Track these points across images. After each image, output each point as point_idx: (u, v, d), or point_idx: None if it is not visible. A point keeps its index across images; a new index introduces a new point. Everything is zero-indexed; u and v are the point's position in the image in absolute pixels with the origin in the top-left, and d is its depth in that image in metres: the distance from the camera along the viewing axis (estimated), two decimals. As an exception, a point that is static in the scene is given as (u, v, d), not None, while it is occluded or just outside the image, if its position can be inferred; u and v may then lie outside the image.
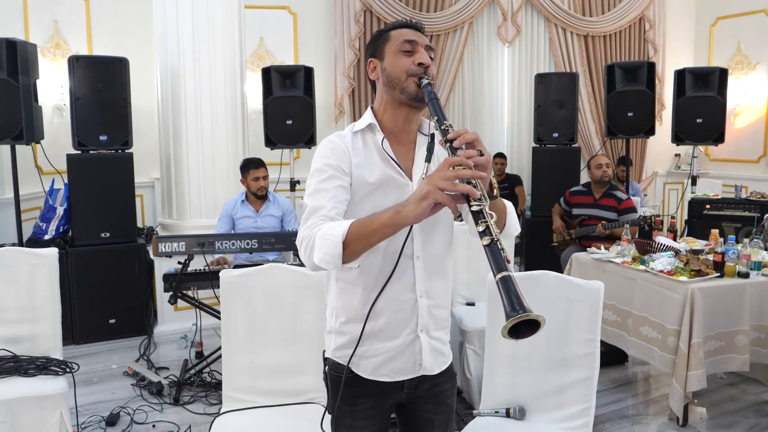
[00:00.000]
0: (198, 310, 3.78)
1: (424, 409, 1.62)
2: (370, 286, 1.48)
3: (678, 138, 5.35)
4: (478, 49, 6.86)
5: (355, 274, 1.50)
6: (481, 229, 1.18)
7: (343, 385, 1.52)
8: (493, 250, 1.16)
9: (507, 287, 1.12)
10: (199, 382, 3.64)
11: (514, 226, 1.53)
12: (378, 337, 1.52)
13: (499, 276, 1.13)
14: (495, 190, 1.36)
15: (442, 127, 1.36)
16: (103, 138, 4.46)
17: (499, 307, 2.38)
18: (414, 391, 1.58)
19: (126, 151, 4.57)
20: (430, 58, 1.53)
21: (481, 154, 1.28)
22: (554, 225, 4.84)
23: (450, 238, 1.58)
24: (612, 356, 3.86)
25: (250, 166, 4.16)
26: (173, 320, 4.63)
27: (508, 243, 3.95)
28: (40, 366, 2.66)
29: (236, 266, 3.76)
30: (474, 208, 1.20)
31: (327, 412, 1.60)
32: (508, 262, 1.15)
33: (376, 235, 1.31)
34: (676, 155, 7.70)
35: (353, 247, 1.32)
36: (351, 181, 1.49)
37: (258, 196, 4.16)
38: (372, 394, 1.56)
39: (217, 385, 3.48)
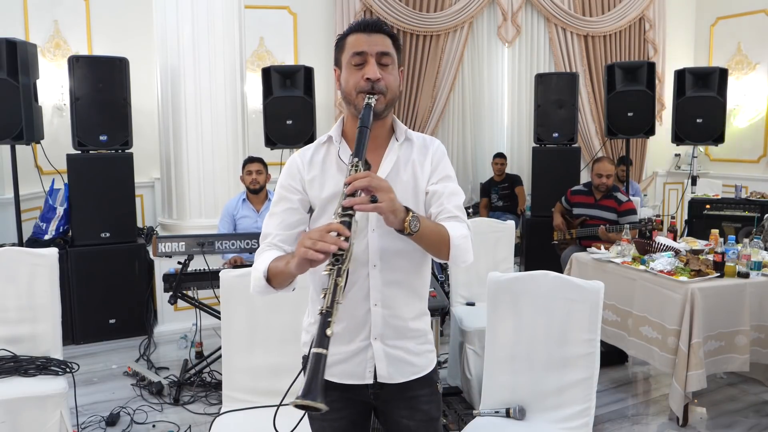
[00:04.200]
0: (198, 310, 3.79)
1: (399, 414, 1.60)
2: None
3: (678, 138, 5.34)
4: (478, 49, 6.87)
5: (318, 279, 1.51)
6: (321, 295, 1.25)
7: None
8: (322, 320, 1.24)
9: (314, 367, 1.20)
10: (199, 382, 3.64)
11: (460, 257, 1.47)
12: (334, 341, 1.48)
13: (313, 350, 1.21)
14: (406, 227, 1.33)
15: (350, 165, 1.37)
16: (103, 138, 4.46)
17: (499, 306, 2.39)
18: (380, 392, 1.56)
19: (126, 151, 4.57)
20: (384, 64, 1.48)
21: (374, 200, 1.28)
22: (554, 222, 4.84)
23: (423, 252, 1.51)
24: (612, 356, 3.86)
25: (246, 161, 4.23)
26: (173, 320, 4.63)
27: (507, 246, 3.91)
28: (40, 366, 2.66)
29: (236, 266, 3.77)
30: (324, 272, 1.27)
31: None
32: (329, 327, 1.22)
33: (284, 275, 1.41)
34: (676, 155, 7.70)
35: (275, 281, 1.45)
36: (307, 197, 1.55)
37: (252, 191, 4.17)
38: (338, 387, 1.57)
39: (217, 385, 3.48)
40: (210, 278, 3.53)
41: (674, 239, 3.97)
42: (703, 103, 5.20)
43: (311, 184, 1.53)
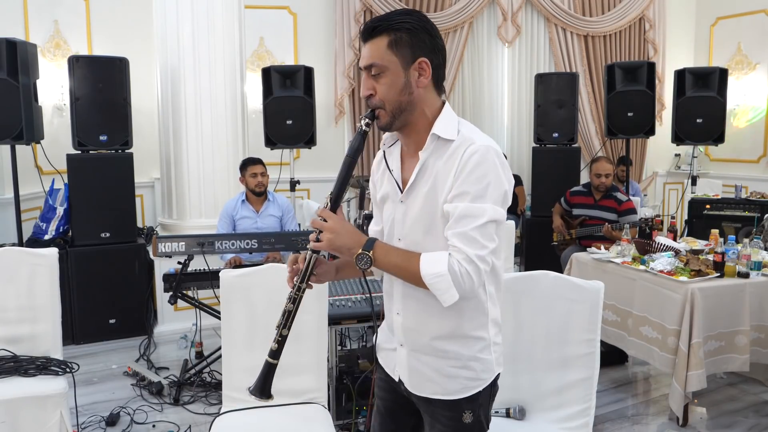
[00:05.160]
0: (198, 310, 3.78)
1: (425, 419, 1.59)
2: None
3: (678, 138, 5.34)
4: (478, 49, 6.86)
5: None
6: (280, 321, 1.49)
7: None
8: (279, 341, 1.49)
9: (265, 372, 1.52)
10: (199, 382, 3.64)
11: (438, 297, 1.35)
12: (388, 328, 1.64)
13: (268, 360, 1.51)
14: (357, 266, 1.40)
15: (327, 196, 1.46)
16: (103, 138, 4.46)
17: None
18: (410, 393, 1.57)
19: (126, 151, 4.57)
20: (375, 74, 1.41)
21: (318, 239, 1.42)
22: (554, 224, 4.84)
23: None
24: (612, 356, 3.86)
25: (248, 163, 4.19)
26: (173, 320, 4.63)
27: (507, 246, 3.92)
28: (40, 366, 2.66)
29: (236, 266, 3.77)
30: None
31: None
32: (275, 341, 1.49)
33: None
34: (676, 155, 7.70)
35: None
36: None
37: (256, 193, 4.16)
38: (383, 369, 1.66)
39: (217, 385, 3.48)
40: (210, 278, 3.53)
41: (674, 239, 3.96)
42: (703, 103, 5.20)
43: (373, 183, 1.61)
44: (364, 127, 1.42)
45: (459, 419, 1.51)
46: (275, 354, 1.49)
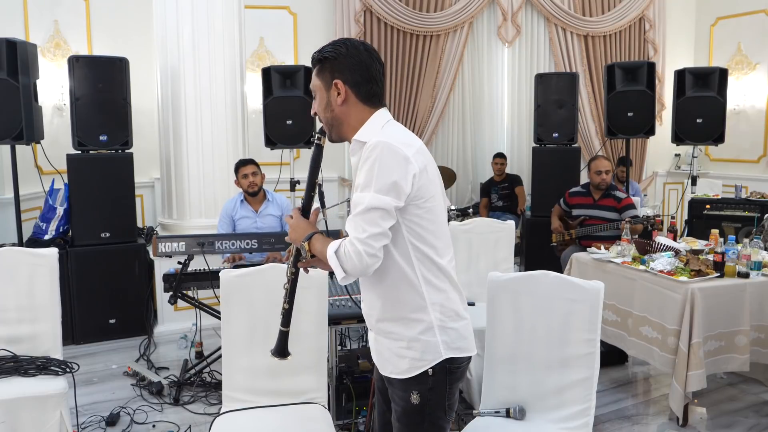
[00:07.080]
0: (198, 310, 3.78)
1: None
2: None
3: (678, 138, 5.34)
4: (478, 49, 6.87)
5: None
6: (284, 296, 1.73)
7: None
8: (283, 314, 1.74)
9: (281, 338, 1.76)
10: (199, 382, 3.64)
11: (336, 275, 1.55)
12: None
13: (281, 329, 1.76)
14: (305, 253, 1.62)
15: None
16: (103, 138, 4.46)
17: (499, 306, 2.39)
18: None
19: (126, 151, 4.57)
20: (313, 97, 1.70)
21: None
22: (552, 225, 4.84)
23: (388, 255, 1.56)
24: (612, 356, 3.86)
25: (240, 165, 4.20)
26: (173, 320, 4.63)
27: (507, 246, 3.91)
28: (40, 366, 2.66)
29: (236, 266, 3.77)
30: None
31: None
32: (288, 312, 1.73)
33: None
34: (676, 155, 7.70)
35: None
36: None
37: (250, 194, 4.16)
38: None
39: (217, 385, 3.48)
40: (210, 278, 3.53)
41: (674, 239, 3.96)
42: (703, 103, 5.20)
43: None
44: (316, 141, 1.67)
45: (408, 399, 1.63)
46: (284, 323, 1.74)
